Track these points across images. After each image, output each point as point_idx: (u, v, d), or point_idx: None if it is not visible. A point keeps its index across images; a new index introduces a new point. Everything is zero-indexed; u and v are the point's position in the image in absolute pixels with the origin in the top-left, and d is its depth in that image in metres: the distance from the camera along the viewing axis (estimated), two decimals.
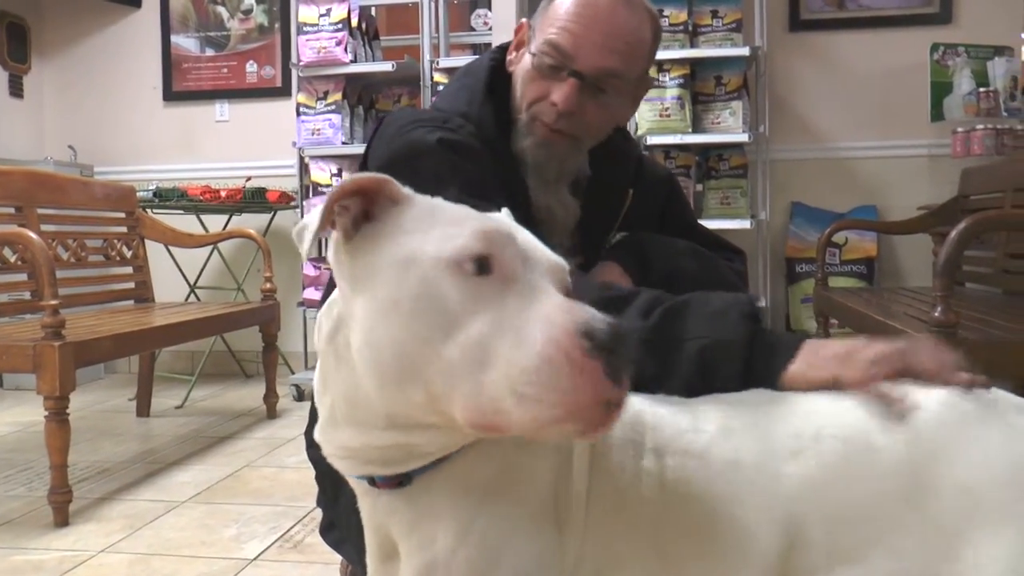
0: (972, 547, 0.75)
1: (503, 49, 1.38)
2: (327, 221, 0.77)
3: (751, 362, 0.94)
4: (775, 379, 0.92)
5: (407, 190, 0.79)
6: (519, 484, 0.81)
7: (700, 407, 0.90)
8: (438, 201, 0.79)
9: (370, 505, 0.85)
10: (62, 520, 2.22)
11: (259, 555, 2.00)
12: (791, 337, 0.96)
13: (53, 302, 2.23)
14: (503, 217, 0.83)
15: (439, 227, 0.74)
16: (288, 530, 2.15)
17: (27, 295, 2.90)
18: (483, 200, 1.16)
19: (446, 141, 1.21)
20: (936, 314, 1.86)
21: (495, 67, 1.36)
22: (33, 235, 2.32)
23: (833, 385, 0.88)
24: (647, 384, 0.93)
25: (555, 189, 1.33)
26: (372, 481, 0.82)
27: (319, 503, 1.42)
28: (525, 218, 1.22)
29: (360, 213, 0.77)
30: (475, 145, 1.24)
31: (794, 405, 0.88)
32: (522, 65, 1.32)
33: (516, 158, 1.31)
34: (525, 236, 0.78)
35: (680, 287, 1.33)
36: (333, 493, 1.31)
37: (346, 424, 0.80)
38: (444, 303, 0.70)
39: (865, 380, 0.86)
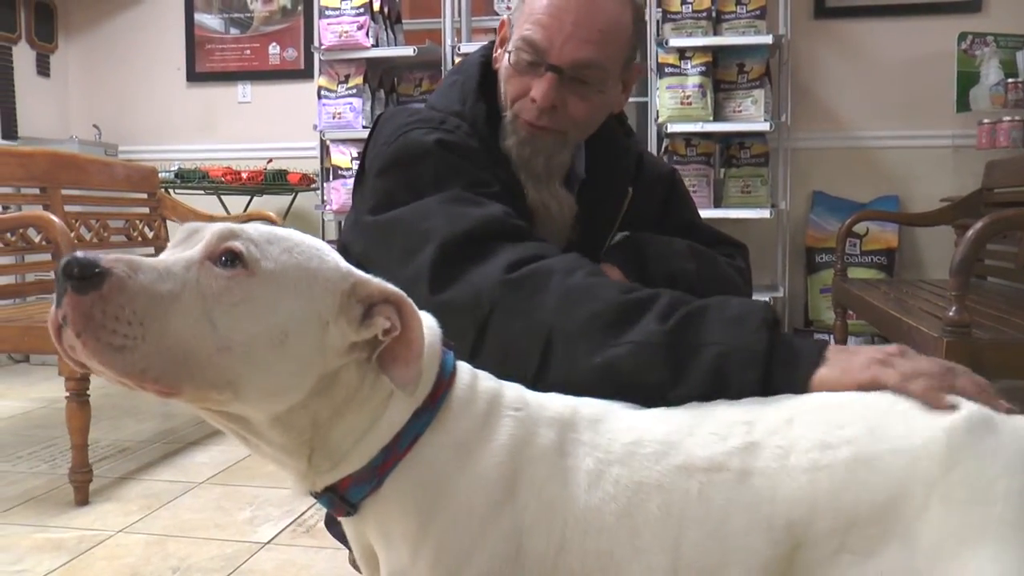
0: (960, 565, 0.76)
1: (493, 45, 1.38)
2: None
3: (771, 370, 0.91)
4: (798, 389, 0.90)
5: None
6: (461, 493, 0.83)
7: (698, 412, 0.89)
8: None
9: (344, 523, 0.91)
10: (82, 499, 2.27)
11: (272, 539, 2.03)
12: (812, 343, 0.94)
13: None
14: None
15: None
16: (301, 514, 2.18)
17: (51, 275, 2.94)
18: (487, 198, 1.17)
19: (444, 142, 1.20)
20: (951, 314, 1.84)
21: (485, 63, 1.35)
22: (55, 218, 2.35)
23: (871, 387, 0.87)
24: (659, 390, 0.93)
25: (547, 184, 1.32)
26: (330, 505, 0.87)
27: None
28: (521, 215, 1.23)
29: None
30: (472, 145, 1.23)
31: (798, 413, 0.86)
32: (503, 62, 1.30)
33: (506, 156, 1.30)
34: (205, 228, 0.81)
35: (679, 288, 1.33)
36: None
37: None
38: None
39: (904, 385, 0.85)
